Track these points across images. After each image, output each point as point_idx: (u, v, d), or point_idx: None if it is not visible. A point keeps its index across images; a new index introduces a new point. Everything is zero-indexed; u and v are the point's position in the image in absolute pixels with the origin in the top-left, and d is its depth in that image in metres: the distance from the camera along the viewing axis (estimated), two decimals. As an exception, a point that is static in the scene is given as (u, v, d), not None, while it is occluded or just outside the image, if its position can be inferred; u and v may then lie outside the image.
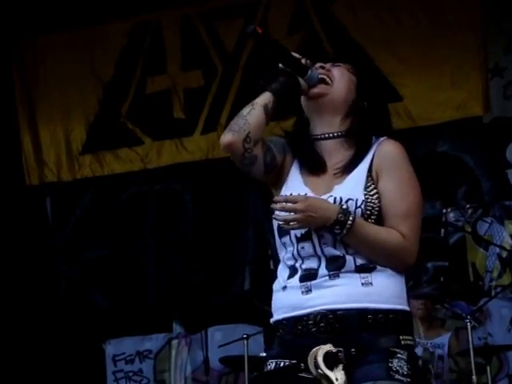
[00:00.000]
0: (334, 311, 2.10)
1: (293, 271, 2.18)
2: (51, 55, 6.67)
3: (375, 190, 2.19)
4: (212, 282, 6.15)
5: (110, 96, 6.61)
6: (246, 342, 5.08)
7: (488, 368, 4.99)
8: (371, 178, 2.20)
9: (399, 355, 2.11)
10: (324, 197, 2.19)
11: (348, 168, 2.22)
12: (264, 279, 4.05)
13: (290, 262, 2.19)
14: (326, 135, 2.28)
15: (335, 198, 2.17)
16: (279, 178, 2.30)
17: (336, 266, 2.14)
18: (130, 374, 6.56)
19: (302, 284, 2.14)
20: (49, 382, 6.36)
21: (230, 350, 5.47)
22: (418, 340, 5.23)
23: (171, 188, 6.55)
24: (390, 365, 2.09)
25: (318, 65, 2.31)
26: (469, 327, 4.87)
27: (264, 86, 2.29)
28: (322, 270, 2.14)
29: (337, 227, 2.12)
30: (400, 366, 2.10)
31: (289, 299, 2.17)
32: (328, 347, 2.05)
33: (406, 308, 2.19)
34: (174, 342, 6.47)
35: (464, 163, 5.94)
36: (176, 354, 6.46)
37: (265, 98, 2.26)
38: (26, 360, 6.32)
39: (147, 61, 6.53)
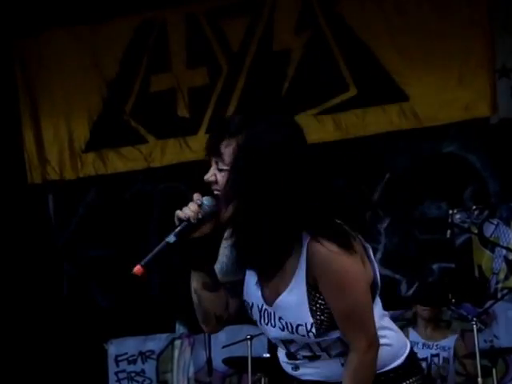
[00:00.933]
0: (326, 382, 2.16)
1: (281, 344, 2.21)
2: (54, 52, 6.63)
3: (318, 296, 2.08)
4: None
5: (113, 94, 6.58)
6: (249, 342, 5.05)
7: (494, 371, 4.95)
8: (310, 285, 2.07)
9: None
10: (273, 310, 2.12)
11: (287, 275, 2.08)
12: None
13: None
14: None
15: (286, 323, 2.10)
16: None
17: (311, 358, 2.16)
18: (133, 375, 6.53)
19: (290, 362, 2.19)
20: (51, 382, 6.34)
21: (234, 351, 5.44)
22: (423, 341, 5.20)
23: (175, 187, 6.52)
24: None
25: (206, 179, 2.15)
26: (475, 329, 4.84)
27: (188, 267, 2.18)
28: (300, 356, 2.16)
29: None
30: None
31: (285, 368, 2.23)
32: None
33: (405, 356, 2.16)
34: (177, 343, 6.44)
35: (470, 164, 5.90)
36: (179, 355, 6.43)
37: (197, 278, 2.18)
38: (28, 360, 6.29)
39: (152, 59, 6.50)
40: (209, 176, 2.15)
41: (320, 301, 2.08)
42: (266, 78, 6.15)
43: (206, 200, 2.14)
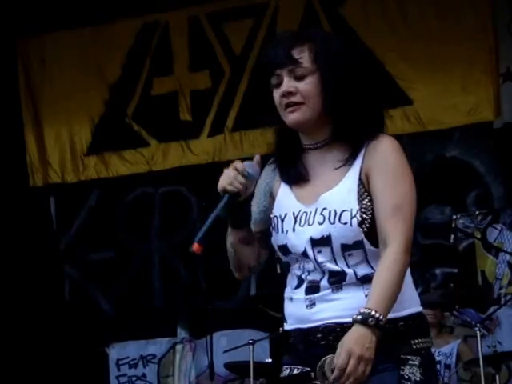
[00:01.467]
0: (340, 324, 2.07)
1: (300, 282, 2.17)
2: (56, 55, 6.62)
3: (366, 194, 2.11)
4: (217, 287, 6.09)
5: (115, 97, 6.56)
6: (251, 347, 5.02)
7: (497, 377, 4.92)
8: (361, 181, 2.12)
9: (411, 362, 2.07)
10: (315, 206, 2.13)
11: (338, 175, 2.14)
12: (270, 284, 3.98)
13: (298, 273, 2.17)
14: (312, 146, 2.19)
15: (329, 212, 2.10)
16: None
17: (337, 279, 2.10)
18: (134, 379, 6.50)
19: (307, 297, 2.12)
20: (51, 386, 6.31)
21: (236, 356, 5.41)
22: None
23: (177, 191, 6.50)
24: (401, 373, 2.05)
25: (283, 91, 2.15)
26: (478, 335, 4.80)
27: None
28: (324, 283, 2.11)
29: (378, 325, 2.01)
30: (412, 373, 2.06)
31: (295, 312, 2.16)
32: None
33: (416, 310, 2.13)
34: (179, 347, 6.41)
35: (474, 169, 5.88)
36: (180, 359, 6.40)
37: (234, 234, 2.21)
38: (29, 363, 6.27)
39: (154, 62, 6.48)
40: (286, 88, 2.14)
41: (365, 200, 2.10)
42: (268, 82, 6.12)
43: (250, 168, 2.14)
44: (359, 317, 2.00)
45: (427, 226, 5.76)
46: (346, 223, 2.08)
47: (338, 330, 2.06)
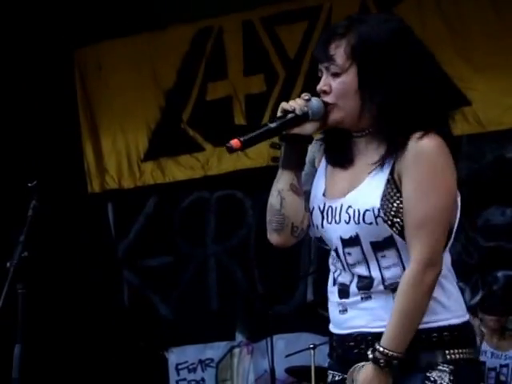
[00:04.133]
0: (372, 333, 2.01)
1: (333, 280, 2.12)
2: (112, 62, 6.68)
3: (397, 195, 1.98)
4: (274, 291, 6.07)
5: (171, 103, 6.60)
6: (312, 352, 4.99)
7: None
8: (393, 180, 1.99)
9: (441, 367, 1.98)
10: (340, 202, 2.04)
11: (371, 169, 2.03)
12: (327, 288, 3.94)
13: (332, 268, 2.12)
14: (355, 134, 2.09)
15: (354, 211, 2.01)
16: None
17: (364, 285, 2.03)
18: (193, 383, 6.51)
19: (340, 302, 2.07)
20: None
21: (293, 360, 5.38)
22: (492, 351, 5.07)
23: (232, 195, 6.50)
24: (427, 374, 1.97)
25: (318, 89, 2.07)
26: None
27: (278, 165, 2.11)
28: (353, 288, 2.05)
29: (390, 364, 1.96)
30: (440, 377, 1.97)
31: (332, 315, 2.12)
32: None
33: (456, 321, 2.00)
34: (236, 351, 6.41)
35: (535, 169, 5.75)
36: (238, 363, 6.40)
37: (286, 178, 2.09)
38: (90, 369, 6.33)
39: (208, 66, 6.50)
40: (321, 85, 2.06)
41: (398, 201, 1.97)
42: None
43: (315, 99, 2.06)
44: (371, 355, 1.96)
45: (488, 228, 5.66)
46: (371, 223, 1.99)
47: (369, 339, 2.01)
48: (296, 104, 2.05)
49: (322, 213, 2.08)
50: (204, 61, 6.51)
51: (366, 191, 2.02)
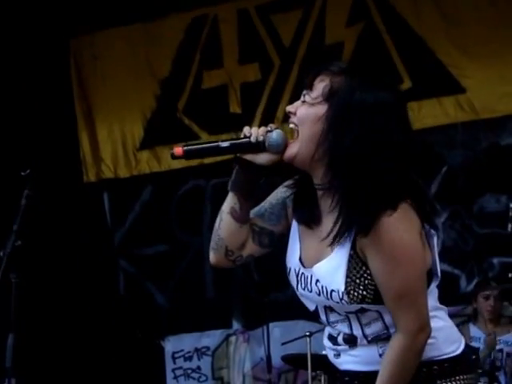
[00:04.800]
0: (364, 372, 2.05)
1: (325, 327, 2.16)
2: (108, 51, 6.68)
3: (363, 269, 1.92)
4: (271, 279, 6.08)
5: (166, 91, 6.60)
6: (308, 339, 5.00)
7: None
8: (356, 255, 1.92)
9: (439, 382, 1.99)
10: (310, 272, 2.01)
11: (333, 237, 1.92)
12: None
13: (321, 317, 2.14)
14: (316, 185, 1.99)
15: (322, 287, 1.98)
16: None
17: (349, 340, 2.05)
18: (189, 371, 6.54)
19: (333, 347, 2.10)
20: (109, 380, 6.38)
21: (289, 348, 5.40)
22: (485, 336, 5.10)
23: (228, 183, 6.50)
24: None
25: (286, 110, 2.01)
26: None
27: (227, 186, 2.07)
28: (340, 340, 2.07)
29: None
30: None
31: (329, 356, 2.15)
32: None
33: (454, 354, 2.01)
34: (232, 339, 6.42)
35: (529, 156, 5.76)
36: (234, 351, 6.42)
37: (228, 201, 2.08)
38: (86, 357, 6.35)
39: (204, 55, 6.50)
40: (290, 107, 2.02)
41: (365, 275, 1.91)
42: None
43: (276, 133, 2.00)
44: None
45: (483, 215, 5.68)
46: (338, 302, 1.97)
47: (361, 376, 2.05)
48: (255, 131, 2.01)
49: (297, 277, 2.08)
50: (199, 49, 6.50)
51: (329, 269, 1.97)
